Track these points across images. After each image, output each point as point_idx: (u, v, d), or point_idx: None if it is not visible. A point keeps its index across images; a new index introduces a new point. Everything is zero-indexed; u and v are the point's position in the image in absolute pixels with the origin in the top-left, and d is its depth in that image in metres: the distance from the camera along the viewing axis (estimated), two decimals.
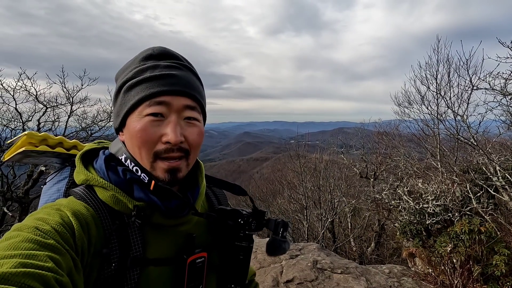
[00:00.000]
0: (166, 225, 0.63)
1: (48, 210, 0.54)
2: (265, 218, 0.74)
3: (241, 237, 0.70)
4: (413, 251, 4.71)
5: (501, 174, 4.39)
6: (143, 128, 0.58)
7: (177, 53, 0.67)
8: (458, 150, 5.90)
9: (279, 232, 0.73)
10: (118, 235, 0.57)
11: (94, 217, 0.56)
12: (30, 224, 0.49)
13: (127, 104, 0.60)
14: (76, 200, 0.59)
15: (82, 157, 0.66)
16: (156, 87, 0.59)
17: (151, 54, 0.63)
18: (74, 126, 6.93)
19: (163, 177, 0.60)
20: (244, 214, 0.71)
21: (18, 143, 0.70)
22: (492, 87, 4.39)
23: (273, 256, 0.75)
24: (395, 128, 9.35)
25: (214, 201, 0.80)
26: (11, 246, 0.43)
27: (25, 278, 0.38)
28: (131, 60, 0.65)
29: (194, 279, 0.64)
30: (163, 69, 0.61)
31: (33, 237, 0.45)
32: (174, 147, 0.59)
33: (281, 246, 0.73)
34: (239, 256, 0.70)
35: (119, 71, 0.67)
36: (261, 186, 14.76)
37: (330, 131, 39.98)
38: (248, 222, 0.71)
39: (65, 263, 0.46)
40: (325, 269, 3.98)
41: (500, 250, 3.51)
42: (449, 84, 5.68)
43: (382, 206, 7.09)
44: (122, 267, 0.55)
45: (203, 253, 0.66)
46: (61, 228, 0.50)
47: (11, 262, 0.40)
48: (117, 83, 0.65)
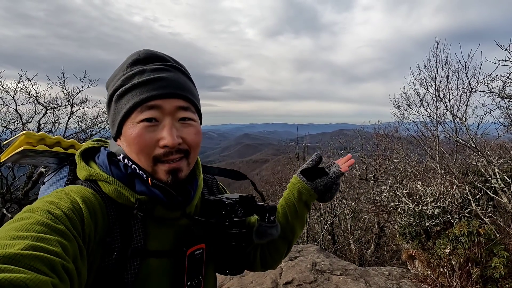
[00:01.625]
0: (166, 218, 0.64)
1: (59, 195, 0.55)
2: (254, 204, 0.75)
3: (229, 225, 0.70)
4: (412, 253, 4.70)
5: (500, 176, 4.39)
6: (139, 134, 0.58)
7: (164, 55, 0.66)
8: (457, 152, 5.90)
9: (265, 217, 0.74)
10: (121, 226, 0.58)
11: (101, 204, 0.58)
12: (42, 207, 0.49)
13: (120, 113, 0.61)
14: (84, 187, 0.59)
15: (82, 154, 0.67)
16: (145, 92, 0.59)
17: (137, 59, 0.63)
18: (74, 128, 6.94)
19: (165, 179, 0.61)
20: (226, 203, 0.71)
21: (16, 143, 0.70)
22: (491, 89, 4.40)
23: (261, 241, 0.75)
24: (394, 130, 9.36)
25: (205, 190, 0.81)
26: (23, 227, 0.44)
27: (34, 261, 0.39)
28: (119, 67, 0.65)
29: (194, 270, 0.65)
30: (150, 73, 0.61)
31: (45, 221, 0.46)
32: (172, 150, 0.59)
33: (267, 232, 0.73)
34: (231, 242, 0.71)
35: (109, 79, 0.67)
36: (261, 188, 14.74)
37: (330, 133, 40.00)
38: (233, 210, 0.70)
39: (72, 250, 0.47)
40: (324, 271, 3.97)
41: (499, 252, 3.50)
42: (448, 87, 5.69)
43: (381, 208, 7.08)
44: (122, 257, 0.56)
45: (201, 244, 0.67)
46: (72, 214, 0.51)
47: (22, 244, 0.40)
48: (108, 92, 0.65)
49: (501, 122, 4.95)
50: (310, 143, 13.65)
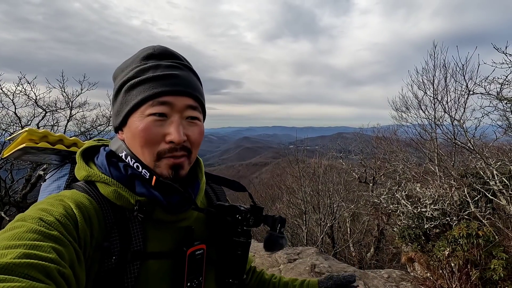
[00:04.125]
0: (166, 220, 0.63)
1: (51, 201, 0.54)
2: (263, 214, 0.75)
3: (239, 233, 0.71)
4: (412, 255, 4.70)
5: (499, 179, 4.40)
6: (146, 127, 0.58)
7: (177, 53, 0.67)
8: (455, 154, 5.93)
9: (276, 227, 0.74)
10: (119, 229, 0.57)
11: (96, 209, 0.57)
12: (34, 214, 0.49)
13: (129, 104, 0.61)
14: (79, 192, 0.59)
15: (83, 153, 0.67)
16: (159, 87, 0.59)
17: (152, 54, 0.64)
18: (73, 131, 6.95)
19: (166, 174, 0.61)
20: (242, 210, 0.72)
21: (18, 139, 0.71)
22: (488, 92, 4.43)
23: (271, 251, 0.76)
24: (393, 133, 9.39)
25: (213, 197, 0.81)
26: (15, 236, 0.44)
27: (28, 269, 0.39)
28: (131, 59, 0.66)
29: (194, 271, 0.64)
30: (165, 69, 0.62)
31: (37, 228, 0.45)
32: (177, 146, 0.60)
33: (278, 242, 0.73)
34: (237, 251, 0.71)
35: (117, 70, 0.67)
36: (260, 191, 14.73)
37: (329, 136, 40.06)
38: (246, 218, 0.71)
39: (68, 255, 0.46)
40: (323, 273, 3.95)
41: (498, 254, 3.50)
42: (446, 89, 5.74)
43: (381, 211, 7.08)
44: (122, 261, 0.55)
45: (202, 245, 0.66)
46: (65, 219, 0.50)
47: (15, 252, 0.40)
48: (116, 82, 0.65)
49: (499, 125, 4.98)
50: (309, 146, 13.66)
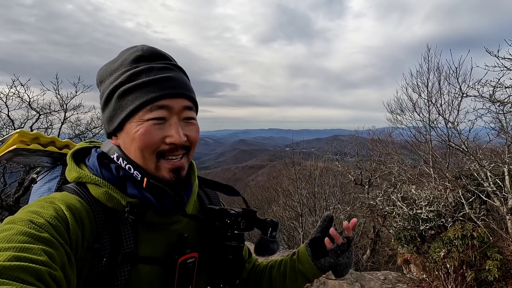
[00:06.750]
0: (158, 223, 0.63)
1: (41, 203, 0.53)
2: (255, 218, 0.74)
3: (230, 237, 0.70)
4: (408, 257, 4.72)
5: (492, 180, 4.45)
6: (146, 132, 0.58)
7: (165, 53, 0.66)
8: (450, 156, 5.99)
9: (267, 231, 0.73)
10: (110, 231, 0.56)
11: (87, 211, 0.56)
12: (23, 217, 0.48)
13: (125, 109, 0.59)
14: (69, 194, 0.58)
15: (74, 155, 0.66)
16: (156, 91, 0.59)
17: (142, 55, 0.62)
18: (68, 133, 6.87)
19: (168, 177, 0.60)
20: (231, 213, 0.71)
21: (9, 141, 0.69)
22: (481, 94, 4.50)
23: (262, 256, 0.74)
24: (388, 135, 9.46)
25: (206, 200, 0.80)
26: (4, 239, 0.43)
27: (18, 272, 0.38)
28: (119, 61, 0.63)
29: (184, 279, 0.64)
30: (158, 71, 0.61)
31: (27, 230, 0.45)
32: (178, 146, 0.60)
33: (269, 246, 0.72)
34: (228, 255, 0.70)
35: (103, 72, 0.64)
36: (257, 193, 14.70)
37: (325, 139, 40.23)
38: (237, 221, 0.70)
39: (59, 257, 0.45)
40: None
41: (493, 255, 3.53)
42: (439, 92, 5.82)
43: (376, 213, 7.10)
44: (113, 263, 0.54)
45: (194, 253, 0.66)
46: (56, 221, 0.49)
47: (4, 255, 0.39)
48: (104, 86, 0.63)
49: (492, 127, 5.05)
50: (305, 149, 13.70)
